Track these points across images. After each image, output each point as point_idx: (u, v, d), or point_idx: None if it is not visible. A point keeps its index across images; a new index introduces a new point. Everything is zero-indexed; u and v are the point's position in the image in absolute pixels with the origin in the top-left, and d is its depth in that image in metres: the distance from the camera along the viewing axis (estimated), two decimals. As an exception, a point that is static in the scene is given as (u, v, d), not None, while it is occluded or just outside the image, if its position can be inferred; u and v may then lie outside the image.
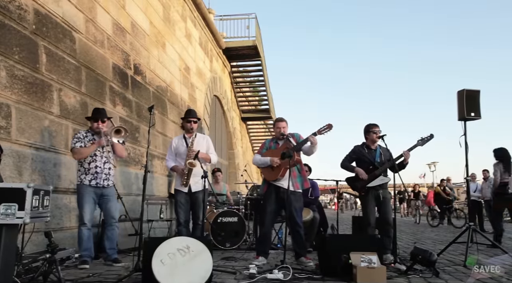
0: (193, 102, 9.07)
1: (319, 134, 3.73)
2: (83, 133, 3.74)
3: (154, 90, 6.83)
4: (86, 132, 3.76)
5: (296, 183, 3.80)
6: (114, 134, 3.62)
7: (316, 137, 3.70)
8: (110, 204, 3.70)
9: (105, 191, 3.68)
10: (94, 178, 3.61)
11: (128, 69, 5.90)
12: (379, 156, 4.07)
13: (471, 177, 8.95)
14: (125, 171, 5.54)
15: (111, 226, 3.68)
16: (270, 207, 3.84)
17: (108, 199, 3.69)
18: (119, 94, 5.57)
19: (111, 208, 3.71)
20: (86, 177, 3.60)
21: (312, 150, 3.80)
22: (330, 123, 3.73)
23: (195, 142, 3.99)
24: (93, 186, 3.60)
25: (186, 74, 8.69)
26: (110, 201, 3.71)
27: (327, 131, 3.72)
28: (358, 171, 4.04)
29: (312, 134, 3.74)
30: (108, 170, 3.71)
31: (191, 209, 4.00)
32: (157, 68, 7.03)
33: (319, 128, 3.74)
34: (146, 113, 6.18)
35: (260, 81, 14.37)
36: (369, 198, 3.98)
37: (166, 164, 4.16)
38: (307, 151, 3.86)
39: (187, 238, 3.01)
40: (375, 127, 4.08)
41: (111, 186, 3.77)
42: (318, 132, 3.74)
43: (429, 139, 3.93)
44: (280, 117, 4.10)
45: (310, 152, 3.84)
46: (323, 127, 3.74)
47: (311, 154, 3.90)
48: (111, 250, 3.70)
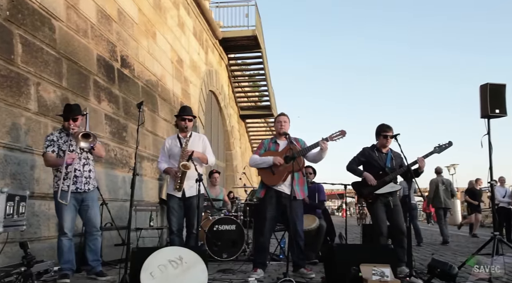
0: (187, 98, 9.05)
1: (331, 140, 3.75)
2: (56, 135, 3.67)
3: (144, 85, 6.80)
4: (60, 132, 3.70)
5: (296, 191, 3.80)
6: (81, 138, 3.53)
7: (327, 143, 3.72)
8: (91, 211, 3.66)
9: (86, 196, 3.65)
10: (74, 183, 3.57)
11: (114, 62, 5.87)
12: (390, 160, 4.08)
13: (500, 181, 8.86)
14: (111, 174, 5.50)
15: (93, 236, 3.65)
16: (270, 213, 3.83)
17: (88, 205, 3.66)
18: (105, 89, 5.54)
19: (92, 215, 3.67)
20: (64, 183, 3.55)
21: (320, 157, 3.83)
22: (343, 130, 3.76)
23: (190, 142, 3.98)
24: (73, 192, 3.56)
25: (179, 67, 8.66)
26: (91, 207, 3.67)
27: (339, 137, 3.75)
28: (366, 176, 4.03)
29: (324, 139, 3.75)
30: (88, 172, 3.68)
31: (185, 216, 3.99)
32: (147, 60, 7.00)
33: (331, 133, 3.77)
34: (135, 110, 6.15)
35: (260, 75, 14.35)
36: (378, 205, 3.98)
37: (158, 166, 4.14)
38: (314, 157, 3.88)
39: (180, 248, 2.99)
40: (387, 130, 4.07)
41: (93, 190, 3.73)
42: (330, 138, 3.76)
43: (447, 147, 3.95)
44: (281, 112, 4.11)
45: (318, 158, 3.86)
46: (335, 133, 3.76)
47: (318, 161, 3.92)
48: (95, 262, 3.66)
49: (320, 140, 3.74)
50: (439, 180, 8.17)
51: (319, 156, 3.84)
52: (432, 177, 8.38)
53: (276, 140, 4.03)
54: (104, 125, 5.45)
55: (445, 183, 8.17)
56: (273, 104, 15.51)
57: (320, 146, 3.72)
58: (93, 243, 3.64)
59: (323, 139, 3.74)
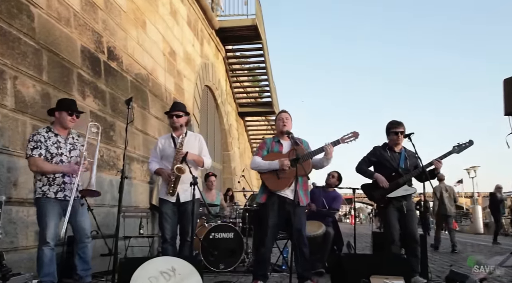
0: (180, 94, 9.02)
1: (343, 142, 3.74)
2: (44, 134, 3.55)
3: (133, 79, 6.78)
4: (47, 131, 3.59)
5: (300, 197, 3.79)
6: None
7: (333, 148, 3.70)
8: (81, 217, 3.63)
9: (75, 202, 3.61)
10: (61, 190, 3.53)
11: (100, 53, 5.84)
12: (403, 160, 4.07)
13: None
14: (97, 177, 5.42)
15: (83, 244, 3.61)
16: (272, 221, 3.82)
17: (78, 211, 3.62)
18: (90, 84, 5.51)
19: (82, 222, 3.63)
20: (50, 189, 3.49)
21: (324, 163, 3.81)
22: (356, 131, 3.73)
23: (185, 142, 3.96)
24: (59, 199, 3.52)
25: (172, 60, 8.64)
26: (81, 214, 3.63)
27: (352, 140, 3.74)
28: (378, 178, 4.02)
29: (335, 141, 3.73)
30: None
31: (179, 223, 3.97)
32: (136, 52, 6.98)
33: (343, 135, 3.75)
34: (123, 106, 6.13)
35: (261, 69, 14.34)
36: (390, 210, 3.98)
37: (149, 167, 4.12)
38: (316, 163, 3.86)
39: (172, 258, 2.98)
40: (397, 126, 4.05)
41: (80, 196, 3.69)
42: (341, 140, 3.74)
43: (467, 146, 3.94)
44: (283, 110, 4.10)
45: (322, 165, 3.86)
46: (347, 135, 3.74)
47: (320, 168, 3.92)
48: (84, 271, 3.62)
49: (325, 145, 3.71)
50: (442, 187, 8.47)
51: (323, 162, 3.82)
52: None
53: (280, 139, 4.02)
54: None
55: (448, 190, 8.49)
56: (275, 100, 15.49)
57: (325, 151, 3.70)
58: (83, 251, 3.61)
59: (331, 143, 3.71)
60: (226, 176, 13.72)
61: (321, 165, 3.85)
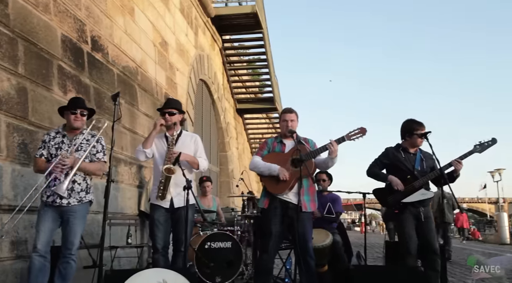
0: (173, 89, 9.02)
1: (348, 139, 3.75)
2: (52, 134, 3.76)
3: (120, 72, 6.78)
4: (57, 131, 3.79)
5: (304, 202, 3.79)
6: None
7: (337, 146, 3.71)
8: (69, 229, 3.64)
9: (66, 210, 3.63)
10: (52, 194, 3.59)
11: (83, 43, 5.84)
12: (419, 162, 4.09)
13: None
14: None
15: (65, 258, 3.61)
16: (274, 228, 3.83)
17: (68, 220, 3.64)
18: (72, 77, 5.51)
19: (67, 233, 3.64)
20: (46, 192, 3.62)
21: (329, 163, 3.82)
22: (363, 127, 3.74)
23: (179, 142, 3.97)
24: (48, 204, 3.59)
25: (163, 51, 8.64)
26: (69, 223, 3.63)
27: (358, 136, 3.74)
28: (393, 180, 4.03)
29: (339, 138, 3.74)
30: (71, 183, 3.65)
31: (172, 231, 3.98)
32: (124, 42, 6.98)
33: (349, 132, 3.76)
34: (109, 103, 6.15)
35: (261, 61, 14.36)
36: (406, 217, 3.98)
37: (136, 149, 4.07)
38: (321, 163, 3.88)
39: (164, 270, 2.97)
40: (420, 127, 4.06)
41: (79, 204, 3.70)
42: (347, 137, 3.75)
43: (490, 145, 3.94)
44: (288, 108, 4.10)
45: (327, 165, 3.87)
46: (354, 131, 3.75)
47: (326, 168, 3.94)
48: None
49: (328, 143, 3.72)
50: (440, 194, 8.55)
51: (327, 163, 3.82)
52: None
53: (282, 139, 4.03)
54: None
55: (447, 197, 8.62)
56: (277, 96, 15.50)
57: (328, 149, 3.70)
58: (63, 266, 3.61)
59: (335, 140, 3.72)
60: (223, 179, 13.73)
61: (326, 165, 3.85)
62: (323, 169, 4.01)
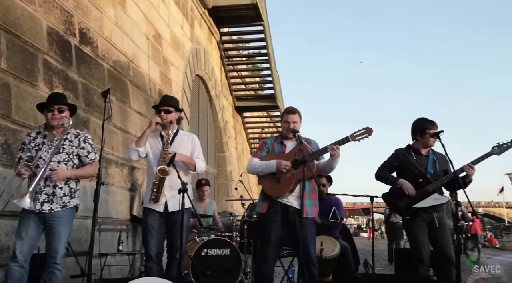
0: (167, 85, 9.00)
1: (353, 140, 3.75)
2: (33, 134, 3.71)
3: (110, 67, 6.77)
4: (38, 132, 3.73)
5: (306, 207, 3.79)
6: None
7: (339, 148, 3.72)
8: (53, 236, 3.59)
9: (48, 216, 3.59)
10: (34, 200, 3.53)
11: (71, 36, 5.82)
12: (432, 165, 4.08)
13: None
14: None
15: (50, 269, 3.57)
16: (274, 234, 3.82)
17: (52, 228, 3.59)
18: (59, 72, 5.49)
19: (51, 241, 3.59)
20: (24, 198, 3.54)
21: (331, 166, 3.84)
22: (369, 127, 3.73)
23: (175, 141, 3.97)
24: (28, 210, 3.52)
25: (157, 45, 8.62)
26: (54, 231, 3.59)
27: (364, 137, 3.75)
28: (403, 184, 4.02)
29: (343, 139, 3.74)
30: (52, 188, 3.61)
31: (167, 237, 3.97)
32: (114, 35, 6.96)
33: (354, 131, 3.75)
34: (99, 100, 6.12)
35: (262, 55, 14.34)
36: (418, 223, 3.97)
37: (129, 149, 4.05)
38: (325, 166, 3.88)
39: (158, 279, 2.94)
40: (432, 126, 4.06)
41: (63, 210, 3.66)
42: (351, 137, 3.75)
43: (509, 146, 3.92)
44: (290, 107, 4.09)
45: (328, 168, 3.88)
46: (359, 131, 3.74)
47: (328, 171, 3.96)
48: None
49: (329, 145, 3.72)
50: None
51: (329, 166, 3.83)
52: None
53: (283, 140, 4.04)
54: (58, 119, 5.39)
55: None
56: (278, 93, 15.49)
57: (330, 151, 3.70)
58: (48, 277, 3.56)
59: (338, 141, 3.73)
60: (221, 182, 13.72)
61: (329, 167, 3.86)
62: (327, 172, 4.00)
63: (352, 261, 5.01)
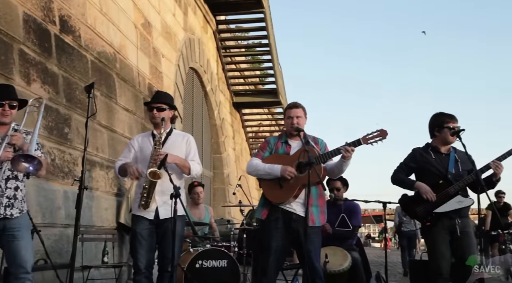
0: (158, 79, 9.00)
1: (365, 143, 3.76)
2: None
3: (94, 59, 6.76)
4: None
5: (312, 214, 3.78)
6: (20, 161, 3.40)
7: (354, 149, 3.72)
8: (18, 243, 3.56)
9: (9, 223, 3.55)
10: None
11: (50, 24, 5.81)
12: (454, 164, 4.06)
13: None
14: (46, 188, 5.45)
15: (19, 281, 3.55)
16: (275, 243, 3.81)
17: (14, 236, 3.56)
18: (36, 64, 5.49)
19: (18, 250, 3.57)
20: None
21: (341, 168, 3.85)
22: (383, 129, 3.75)
23: (169, 141, 3.97)
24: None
25: (146, 34, 8.61)
26: (18, 238, 3.56)
27: (378, 140, 3.76)
28: (421, 188, 4.01)
29: (354, 141, 3.75)
30: (13, 190, 3.59)
31: (158, 248, 3.97)
32: (99, 23, 6.95)
33: (366, 134, 3.76)
34: (82, 95, 6.11)
35: (263, 46, 14.33)
36: (439, 231, 3.94)
37: (115, 166, 4.08)
38: (331, 168, 3.89)
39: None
40: (451, 120, 4.05)
41: (21, 216, 3.64)
42: (363, 140, 3.75)
43: None
44: (293, 102, 4.09)
45: (338, 170, 3.89)
46: (372, 134, 3.75)
47: (337, 174, 3.97)
48: None
49: (342, 146, 3.72)
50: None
51: (339, 168, 3.83)
52: None
53: (287, 139, 4.03)
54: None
55: None
56: (281, 87, 15.48)
57: (342, 153, 3.70)
58: None
59: (350, 143, 3.72)
60: (218, 186, 13.72)
61: (338, 170, 3.86)
62: (335, 175, 4.00)
63: (363, 275, 5.02)
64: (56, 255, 4.94)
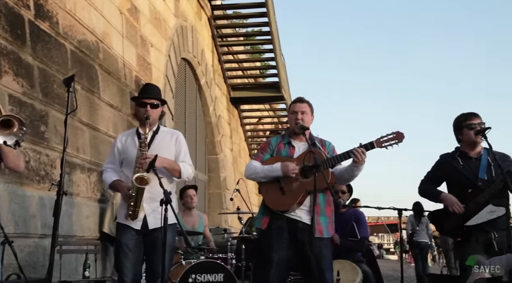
0: (146, 71, 9.01)
1: (379, 146, 3.79)
2: None
3: (75, 48, 6.77)
4: None
5: (320, 225, 3.81)
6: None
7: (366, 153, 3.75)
8: None
9: None
10: None
11: (23, 9, 5.79)
12: (485, 169, 4.03)
13: None
14: (19, 194, 5.44)
15: None
16: (277, 255, 3.83)
17: None
18: (8, 54, 5.47)
19: None
20: None
21: (352, 174, 3.88)
22: (399, 131, 3.79)
23: (156, 141, 3.99)
24: None
25: (133, 21, 8.63)
26: None
27: (393, 143, 3.81)
28: (446, 200, 4.03)
29: (367, 144, 3.78)
30: None
31: (146, 260, 3.99)
32: (80, 8, 6.95)
33: (381, 136, 3.80)
34: (61, 89, 6.09)
35: (263, 34, 14.36)
36: (472, 246, 3.92)
37: (103, 177, 4.14)
38: (342, 174, 3.91)
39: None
40: (473, 118, 4.06)
41: None
42: (377, 143, 3.79)
43: None
44: (299, 97, 4.12)
45: (348, 176, 3.93)
46: (386, 137, 3.79)
47: (347, 180, 4.05)
48: None
49: (354, 148, 3.75)
50: None
51: (350, 173, 3.87)
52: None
53: (291, 140, 4.04)
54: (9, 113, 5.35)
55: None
56: (284, 81, 15.50)
57: (354, 156, 3.72)
58: None
59: (363, 146, 3.75)
60: (213, 190, 13.77)
61: (349, 175, 3.89)
62: (345, 182, 4.09)
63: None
64: (30, 269, 4.94)
